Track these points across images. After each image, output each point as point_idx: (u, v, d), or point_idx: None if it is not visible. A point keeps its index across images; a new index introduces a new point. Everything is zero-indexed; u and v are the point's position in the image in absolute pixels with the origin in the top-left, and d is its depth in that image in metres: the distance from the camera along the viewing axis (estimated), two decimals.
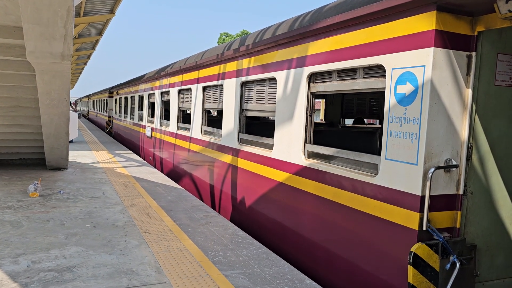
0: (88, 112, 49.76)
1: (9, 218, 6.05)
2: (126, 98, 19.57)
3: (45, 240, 5.14)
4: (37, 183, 7.65)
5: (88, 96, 48.80)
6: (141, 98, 15.84)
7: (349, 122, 13.66)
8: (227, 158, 7.41)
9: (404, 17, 3.79)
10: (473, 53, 3.67)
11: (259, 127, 9.26)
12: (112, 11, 15.10)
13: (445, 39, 3.56)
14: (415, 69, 3.65)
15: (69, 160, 10.96)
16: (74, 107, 20.68)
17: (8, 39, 6.94)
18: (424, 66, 3.57)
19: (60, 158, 10.12)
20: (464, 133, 3.72)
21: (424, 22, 3.60)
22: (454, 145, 3.70)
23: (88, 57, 27.69)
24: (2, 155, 10.98)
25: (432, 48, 3.51)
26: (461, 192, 3.75)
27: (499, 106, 3.84)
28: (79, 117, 29.81)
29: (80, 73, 42.55)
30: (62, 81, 7.41)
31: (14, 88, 8.67)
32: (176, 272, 4.33)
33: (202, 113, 8.83)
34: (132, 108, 17.74)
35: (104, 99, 30.25)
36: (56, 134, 9.04)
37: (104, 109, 30.28)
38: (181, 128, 10.45)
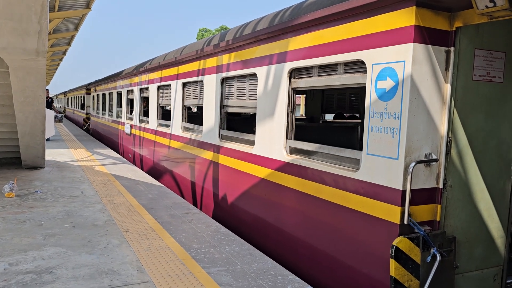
0: (64, 110, 48.72)
1: None
2: (104, 95, 19.24)
3: (22, 242, 5.01)
4: (12, 183, 7.45)
5: (65, 93, 47.80)
6: (119, 95, 15.59)
7: (329, 117, 13.75)
8: (208, 155, 7.36)
9: (384, 13, 3.81)
10: (452, 49, 3.72)
11: (240, 123, 9.23)
12: (88, 6, 14.76)
13: (424, 35, 3.59)
14: (395, 65, 3.68)
15: (45, 158, 10.70)
16: (54, 107, 19.99)
17: None
18: (404, 61, 3.60)
19: (37, 156, 9.88)
20: (443, 128, 3.78)
21: (404, 18, 3.63)
22: (434, 140, 3.75)
23: (64, 53, 27.05)
24: None
25: (412, 43, 3.54)
26: (441, 185, 3.81)
27: (476, 101, 3.91)
28: (60, 121, 27.84)
29: (56, 69, 41.62)
30: (37, 78, 7.23)
31: None
32: (159, 271, 4.28)
33: (182, 109, 8.74)
34: (110, 105, 17.45)
35: (81, 96, 29.68)
36: (31, 133, 8.82)
37: (81, 106, 29.71)
38: (161, 125, 10.33)
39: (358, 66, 4.15)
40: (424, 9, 3.58)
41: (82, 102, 28.65)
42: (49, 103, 18.24)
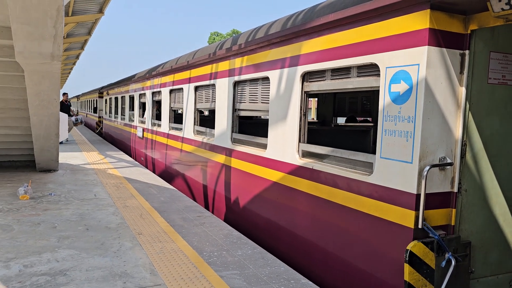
0: (77, 113, 49.23)
1: None
2: (116, 99, 19.42)
3: (36, 244, 5.07)
4: (27, 186, 7.54)
5: (78, 97, 48.34)
6: (131, 99, 15.72)
7: (341, 120, 13.69)
8: (220, 158, 7.38)
9: (397, 16, 3.79)
10: (466, 52, 3.69)
11: (252, 126, 9.24)
12: (101, 11, 14.92)
13: (438, 38, 3.57)
14: (409, 68, 3.66)
15: (59, 161, 10.83)
16: (72, 111, 19.82)
17: None
18: (418, 64, 3.58)
19: (50, 159, 10.00)
20: (458, 131, 3.74)
21: (418, 21, 3.61)
22: (449, 143, 3.72)
23: (77, 57, 27.37)
24: None
25: (426, 46, 3.52)
26: (455, 189, 3.77)
27: (492, 104, 3.86)
28: (81, 122, 25.81)
29: (69, 73, 42.11)
30: (51, 81, 7.33)
31: (2, 89, 8.55)
32: (171, 273, 4.29)
33: (194, 113, 8.79)
34: (123, 109, 17.60)
35: (94, 100, 29.99)
36: (46, 136, 8.93)
37: (94, 110, 30.02)
38: (173, 128, 10.38)
39: (372, 69, 4.14)
40: (438, 12, 3.56)
41: (95, 106, 28.93)
42: (68, 107, 18.36)
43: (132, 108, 15.69)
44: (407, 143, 3.68)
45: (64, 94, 19.12)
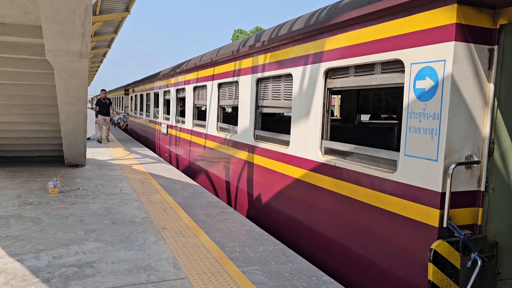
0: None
1: (29, 214, 6.16)
2: (141, 96, 19.73)
3: (65, 236, 5.23)
4: (56, 180, 7.77)
5: None
6: (156, 96, 15.95)
7: (365, 118, 13.53)
8: (242, 155, 7.41)
9: (423, 11, 3.72)
10: (495, 47, 3.59)
11: (274, 123, 9.24)
12: (127, 9, 15.19)
13: (466, 33, 3.49)
14: (435, 64, 3.59)
15: (86, 157, 11.10)
16: (113, 109, 16.29)
17: (27, 38, 7.05)
18: (444, 60, 3.51)
19: (78, 155, 10.26)
20: (486, 129, 3.65)
21: (445, 16, 3.54)
22: (476, 141, 3.64)
23: (104, 55, 27.94)
24: (21, 152, 11.19)
25: (453, 42, 3.45)
26: (482, 188, 3.69)
27: None
28: (121, 123, 23.63)
29: (96, 71, 43.01)
30: (79, 79, 7.51)
31: (33, 86, 8.82)
32: (194, 268, 4.35)
33: (218, 109, 8.85)
34: (148, 105, 17.87)
35: (120, 97, 30.56)
36: (74, 132, 9.17)
37: (120, 107, 30.60)
38: (197, 125, 10.49)
39: (396, 65, 4.08)
40: (466, 7, 3.48)
41: (121, 103, 29.49)
42: (106, 105, 16.63)
43: (156, 105, 15.91)
44: (432, 140, 3.62)
45: (102, 90, 16.85)
